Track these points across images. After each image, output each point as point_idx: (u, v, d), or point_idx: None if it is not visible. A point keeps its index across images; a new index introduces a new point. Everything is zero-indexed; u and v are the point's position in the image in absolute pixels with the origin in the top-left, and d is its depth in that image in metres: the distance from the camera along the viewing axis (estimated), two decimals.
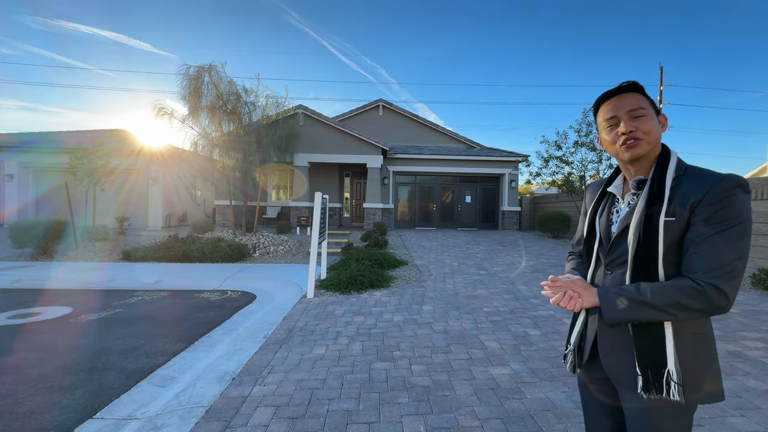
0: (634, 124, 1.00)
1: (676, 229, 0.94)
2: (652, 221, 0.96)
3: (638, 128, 0.99)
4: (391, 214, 14.32)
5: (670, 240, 0.95)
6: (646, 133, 0.99)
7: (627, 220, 1.03)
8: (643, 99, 1.03)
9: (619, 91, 1.04)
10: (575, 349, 1.16)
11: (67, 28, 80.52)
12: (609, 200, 1.15)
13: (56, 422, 2.28)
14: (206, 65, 9.85)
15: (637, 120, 1.00)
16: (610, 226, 1.10)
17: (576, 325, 1.16)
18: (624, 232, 1.03)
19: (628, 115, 1.01)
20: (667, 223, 0.94)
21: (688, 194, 0.93)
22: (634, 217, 1.00)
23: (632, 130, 1.00)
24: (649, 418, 0.98)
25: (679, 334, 0.95)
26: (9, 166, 12.84)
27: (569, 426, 2.11)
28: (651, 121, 1.00)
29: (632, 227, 0.99)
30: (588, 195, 1.27)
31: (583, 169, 11.77)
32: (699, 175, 0.95)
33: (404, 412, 2.28)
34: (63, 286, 6.03)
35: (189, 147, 10.58)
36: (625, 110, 1.01)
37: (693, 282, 0.89)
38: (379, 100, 15.67)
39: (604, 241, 1.10)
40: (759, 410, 2.26)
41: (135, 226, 12.86)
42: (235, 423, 2.17)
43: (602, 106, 1.08)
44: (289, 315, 4.30)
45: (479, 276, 6.50)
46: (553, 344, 3.39)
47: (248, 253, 8.71)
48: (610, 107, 1.05)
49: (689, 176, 0.96)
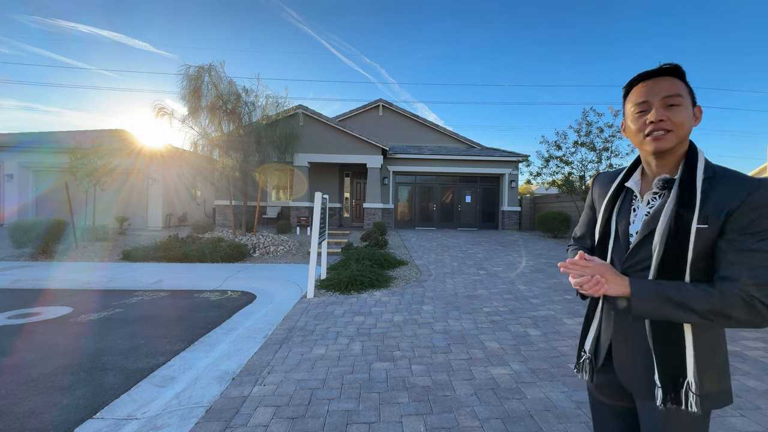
0: (666, 113, 0.89)
1: (707, 237, 0.86)
2: (683, 228, 0.87)
3: (670, 118, 0.89)
4: (391, 214, 14.32)
5: (700, 248, 0.87)
6: (678, 125, 0.89)
7: (652, 225, 0.93)
8: (683, 86, 0.91)
9: (659, 73, 0.92)
10: (593, 356, 1.08)
11: (66, 27, 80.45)
12: (626, 196, 1.04)
13: (56, 422, 2.27)
14: (206, 65, 9.86)
15: (671, 109, 0.89)
16: (628, 226, 1.00)
17: (590, 330, 1.09)
18: (648, 236, 0.94)
19: (662, 101, 0.90)
20: (700, 231, 0.86)
21: (722, 200, 0.85)
22: (662, 222, 0.91)
23: (663, 120, 0.89)
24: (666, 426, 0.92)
25: (699, 341, 0.89)
26: (9, 166, 12.84)
27: (569, 426, 2.11)
28: (685, 112, 0.90)
29: (659, 233, 0.91)
30: (597, 188, 1.16)
31: (583, 169, 11.77)
32: (733, 179, 0.87)
33: (404, 412, 2.28)
34: (63, 286, 6.03)
35: (189, 147, 10.58)
36: (661, 96, 0.90)
37: (744, 293, 0.81)
38: (379, 100, 15.67)
39: (623, 242, 1.00)
40: (759, 410, 2.26)
41: (135, 226, 12.86)
42: (235, 423, 2.16)
43: (635, 89, 0.96)
44: (289, 315, 4.30)
45: (479, 276, 6.50)
46: (553, 344, 3.39)
47: (248, 253, 8.71)
48: (643, 90, 0.93)
49: (720, 179, 0.88)
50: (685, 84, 0.92)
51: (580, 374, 1.12)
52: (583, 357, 1.11)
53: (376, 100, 15.63)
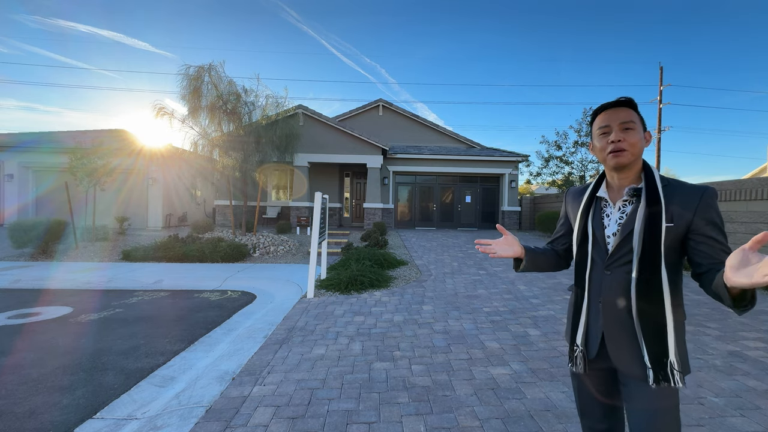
0: (623, 135, 1.12)
1: (674, 233, 1.07)
2: (655, 227, 1.07)
3: (626, 140, 1.11)
4: (391, 214, 14.32)
5: (669, 243, 1.08)
6: (632, 145, 1.11)
7: (630, 226, 1.12)
8: (635, 114, 1.15)
9: (617, 104, 1.16)
10: (584, 348, 1.21)
11: (65, 26, 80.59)
12: (597, 205, 1.24)
13: (56, 422, 2.27)
14: (206, 65, 9.86)
15: (626, 132, 1.12)
16: (604, 229, 1.19)
17: (580, 325, 1.22)
18: (628, 236, 1.11)
19: (620, 126, 1.13)
20: (668, 228, 1.07)
21: (682, 203, 1.07)
22: (638, 222, 1.09)
23: (620, 140, 1.11)
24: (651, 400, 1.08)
25: (676, 323, 1.07)
26: (9, 166, 12.84)
27: (569, 426, 2.11)
28: (638, 134, 1.13)
29: (637, 232, 1.09)
30: (570, 200, 1.37)
31: (583, 169, 11.79)
32: (686, 187, 1.10)
33: (404, 412, 2.28)
34: (63, 286, 6.03)
35: (189, 147, 10.58)
36: (618, 122, 1.13)
37: None
38: (379, 100, 15.67)
39: (601, 243, 1.18)
40: (759, 410, 2.26)
41: (135, 226, 12.86)
42: (235, 423, 2.16)
43: (599, 116, 1.19)
44: (289, 315, 4.30)
45: (479, 276, 6.50)
46: (553, 344, 3.39)
47: (248, 253, 8.71)
48: (605, 117, 1.16)
49: (675, 187, 1.10)
50: (637, 114, 1.16)
51: (574, 367, 1.24)
52: (576, 351, 1.24)
53: (376, 100, 15.63)
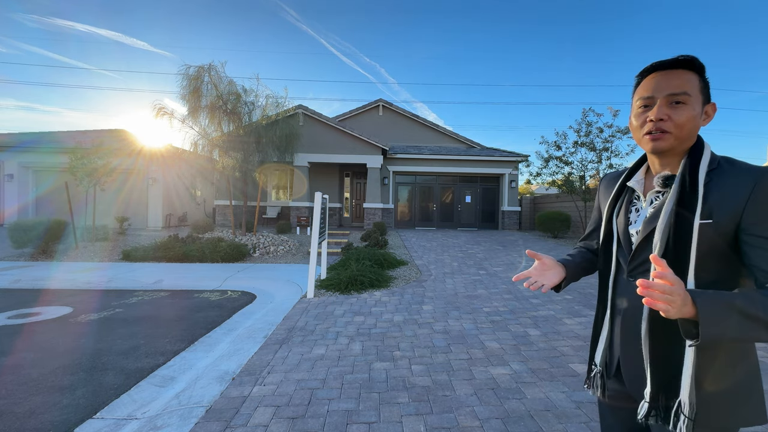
0: (668, 112, 0.84)
1: (714, 233, 0.80)
2: (684, 224, 0.82)
3: (671, 118, 0.84)
4: (391, 214, 14.32)
5: (708, 245, 0.80)
6: (679, 126, 0.84)
7: (653, 223, 0.88)
8: (695, 82, 0.85)
9: (672, 65, 0.86)
10: (604, 369, 1.02)
11: (63, 26, 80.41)
12: (627, 196, 1.01)
13: (56, 422, 2.27)
14: (206, 65, 9.86)
15: (675, 108, 0.84)
16: (628, 226, 0.96)
17: (600, 342, 1.02)
18: (650, 236, 0.89)
19: (666, 99, 0.85)
20: (703, 227, 0.80)
21: (728, 192, 0.80)
22: (661, 219, 0.86)
23: (662, 119, 0.84)
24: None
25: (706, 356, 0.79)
26: (9, 166, 12.84)
27: (569, 426, 2.11)
28: (690, 111, 0.84)
29: (659, 230, 0.85)
30: (603, 188, 1.12)
31: (583, 169, 11.76)
32: (737, 169, 0.82)
33: (404, 412, 2.28)
34: (63, 286, 6.03)
35: (189, 147, 10.59)
36: (666, 92, 0.85)
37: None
38: (379, 100, 15.67)
39: (624, 244, 0.96)
40: None
41: (135, 226, 12.86)
42: (235, 423, 2.16)
43: (645, 80, 0.90)
44: (289, 315, 4.30)
45: (479, 276, 6.49)
46: (553, 344, 3.38)
47: (248, 253, 8.71)
48: (650, 84, 0.88)
49: (724, 170, 0.83)
50: (701, 80, 0.86)
51: (591, 390, 1.05)
52: (594, 371, 1.05)
53: (376, 100, 15.64)
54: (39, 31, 74.53)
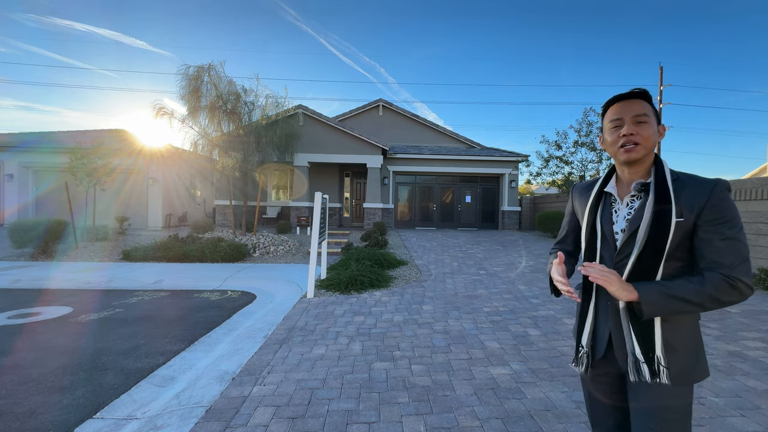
0: (636, 129, 1.07)
1: (683, 229, 1.03)
2: (663, 222, 1.03)
3: (639, 133, 1.06)
4: (391, 214, 14.31)
5: (678, 239, 1.03)
6: (645, 139, 1.07)
7: (637, 222, 1.07)
8: (649, 107, 1.09)
9: (630, 96, 1.11)
10: (590, 350, 1.18)
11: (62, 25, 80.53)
12: (605, 200, 1.19)
13: (56, 422, 2.28)
14: (206, 65, 9.86)
15: (639, 125, 1.07)
16: (612, 226, 1.14)
17: (586, 326, 1.19)
18: (635, 232, 1.07)
19: (633, 119, 1.08)
20: (678, 224, 1.02)
21: (692, 197, 1.02)
22: (645, 217, 1.05)
23: (633, 134, 1.07)
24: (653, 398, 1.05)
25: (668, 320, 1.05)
26: (9, 166, 12.84)
27: (569, 426, 2.11)
28: (652, 128, 1.08)
29: (643, 226, 1.05)
30: (577, 196, 1.33)
31: (583, 169, 11.78)
32: (696, 180, 1.05)
33: (404, 412, 2.28)
34: (63, 286, 6.03)
35: (189, 147, 10.58)
36: (631, 115, 1.08)
37: (726, 278, 0.97)
38: (379, 100, 15.67)
39: (610, 240, 1.14)
40: (759, 410, 2.26)
41: (135, 226, 12.86)
42: (235, 423, 2.17)
43: (611, 108, 1.14)
44: (289, 315, 4.30)
45: (479, 276, 6.49)
46: (553, 344, 3.39)
47: (248, 253, 8.71)
48: (618, 109, 1.11)
49: (684, 181, 1.06)
50: (651, 106, 1.10)
51: (577, 367, 1.22)
52: (581, 351, 1.21)
53: (376, 100, 15.63)
54: (38, 30, 74.65)
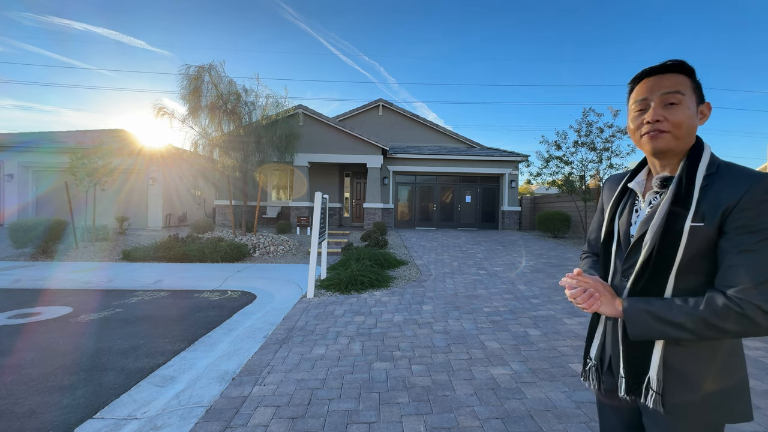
0: (663, 113, 0.86)
1: (704, 236, 0.81)
2: (675, 226, 0.83)
3: (667, 118, 0.86)
4: (391, 214, 14.32)
5: (696, 248, 0.82)
6: (675, 125, 0.85)
7: (647, 225, 0.90)
8: (686, 83, 0.87)
9: (662, 69, 0.88)
10: (598, 363, 1.05)
11: (60, 24, 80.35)
12: (630, 197, 1.02)
13: (56, 422, 2.27)
14: (206, 65, 9.86)
15: (669, 108, 0.86)
16: (629, 228, 0.97)
17: (595, 337, 1.06)
18: (644, 236, 0.90)
19: (661, 99, 0.86)
20: (694, 229, 0.82)
21: (720, 196, 0.80)
22: (655, 220, 0.87)
23: (659, 120, 0.86)
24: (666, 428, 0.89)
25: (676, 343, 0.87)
26: (9, 166, 12.84)
27: (569, 426, 2.11)
28: (685, 110, 0.85)
29: (651, 231, 0.88)
30: (606, 190, 1.13)
31: (583, 169, 11.75)
32: (733, 174, 0.82)
33: (404, 412, 2.28)
34: (63, 286, 6.03)
35: (189, 147, 10.58)
36: (659, 93, 0.86)
37: (728, 300, 0.76)
38: (379, 100, 15.68)
39: (623, 245, 0.97)
40: (759, 410, 2.26)
41: (135, 226, 12.86)
42: (235, 423, 2.17)
43: (638, 86, 0.92)
44: (289, 315, 4.30)
45: (479, 276, 6.49)
46: (553, 344, 3.38)
47: (248, 253, 8.71)
48: (644, 87, 0.90)
49: (722, 175, 0.83)
50: (692, 81, 0.88)
51: (586, 383, 1.09)
52: (588, 364, 1.08)
53: (376, 99, 15.64)
54: (36, 29, 74.51)
